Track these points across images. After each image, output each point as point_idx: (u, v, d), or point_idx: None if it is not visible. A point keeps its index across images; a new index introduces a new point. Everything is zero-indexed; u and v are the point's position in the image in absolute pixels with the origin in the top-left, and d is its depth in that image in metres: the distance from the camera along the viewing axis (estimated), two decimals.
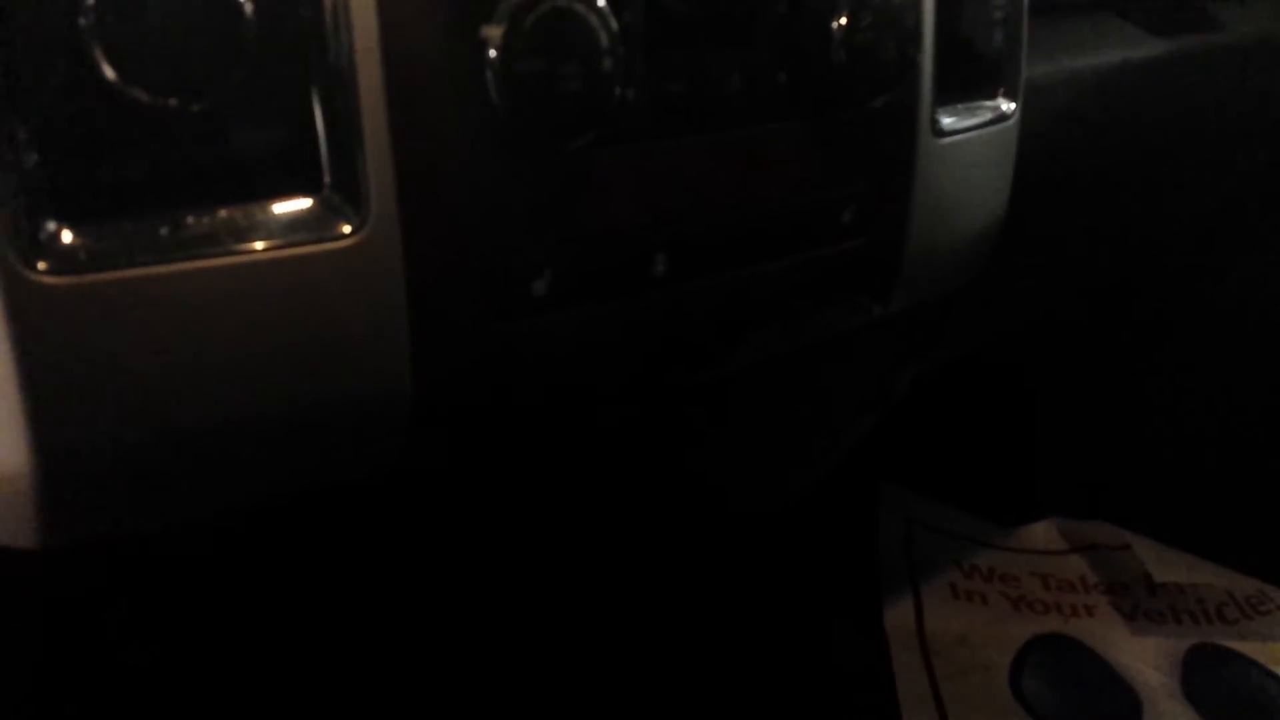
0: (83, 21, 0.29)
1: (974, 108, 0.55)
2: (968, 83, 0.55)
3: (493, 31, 0.35)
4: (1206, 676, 0.96)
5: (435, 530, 0.53)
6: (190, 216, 0.32)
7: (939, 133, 0.52)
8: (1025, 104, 0.58)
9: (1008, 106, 0.57)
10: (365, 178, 0.34)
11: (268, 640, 0.56)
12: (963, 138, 0.54)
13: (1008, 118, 0.57)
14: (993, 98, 0.57)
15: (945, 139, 0.53)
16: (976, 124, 0.55)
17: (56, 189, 0.30)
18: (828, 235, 0.49)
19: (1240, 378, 1.11)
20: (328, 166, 0.34)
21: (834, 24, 0.44)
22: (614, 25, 0.37)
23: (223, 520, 0.39)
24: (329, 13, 0.33)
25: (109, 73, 0.30)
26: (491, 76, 0.36)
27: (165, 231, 0.32)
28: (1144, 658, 0.97)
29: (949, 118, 0.53)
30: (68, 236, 0.30)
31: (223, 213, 0.33)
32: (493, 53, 0.35)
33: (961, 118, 0.54)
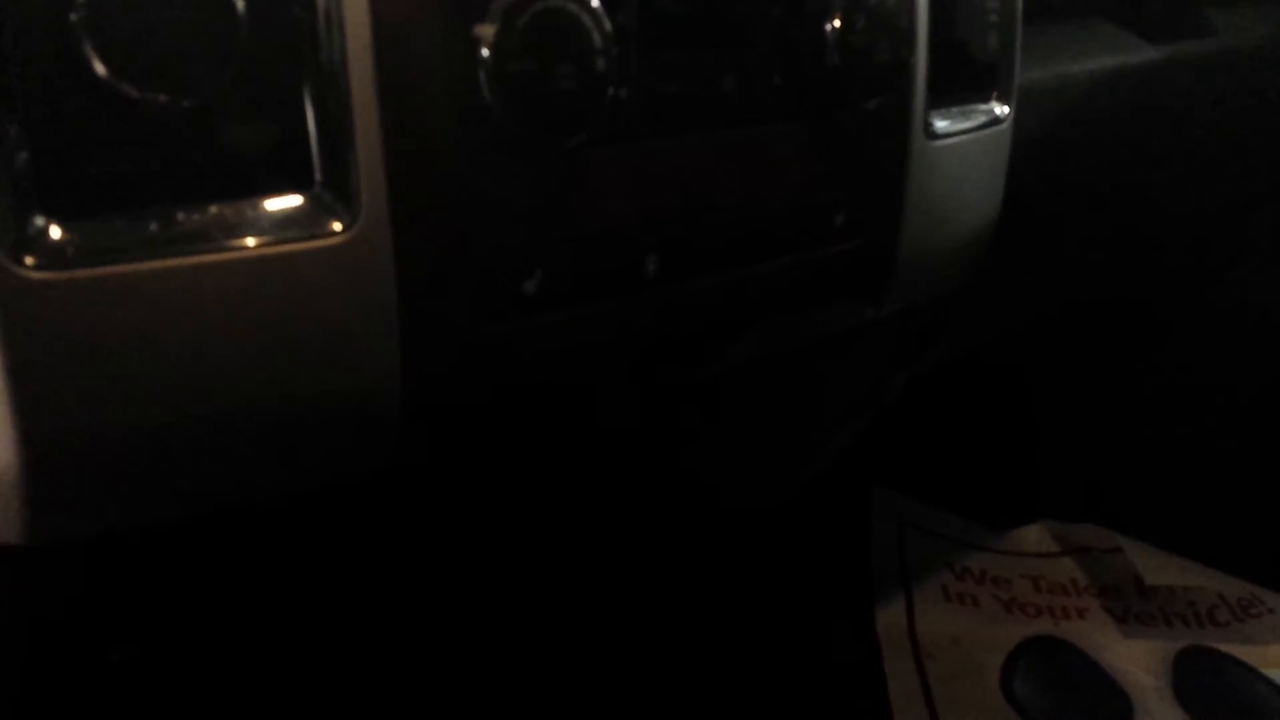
0: (74, 17, 0.29)
1: (967, 111, 0.56)
2: (961, 86, 0.55)
3: (486, 30, 0.35)
4: (1197, 679, 0.96)
5: (429, 530, 0.53)
6: (180, 212, 0.32)
7: (932, 135, 0.52)
8: (1019, 108, 0.58)
9: (1001, 110, 0.57)
10: (356, 175, 0.34)
11: (259, 640, 0.56)
12: (956, 141, 0.54)
13: (1001, 121, 0.57)
14: (986, 101, 0.57)
15: (938, 142, 0.53)
16: (970, 127, 0.55)
17: (46, 184, 0.30)
18: (820, 237, 0.49)
19: (1232, 381, 1.11)
20: (319, 164, 0.34)
21: (828, 26, 0.44)
22: (607, 25, 0.37)
23: (213, 518, 0.39)
24: (321, 10, 0.33)
25: (100, 68, 0.30)
26: (484, 75, 0.36)
27: (155, 227, 0.32)
28: (1135, 660, 0.97)
29: (942, 121, 0.53)
30: (56, 232, 0.30)
31: (213, 209, 0.33)
32: (485, 52, 0.35)
33: (955, 121, 0.54)
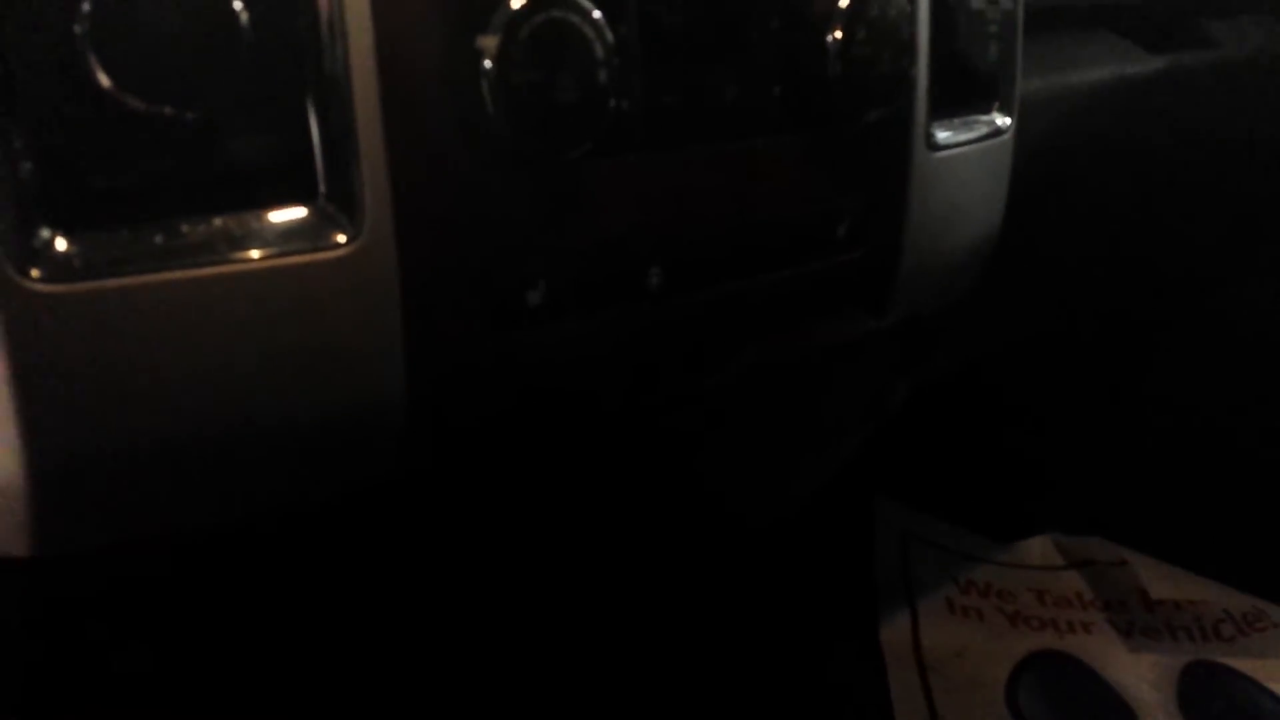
0: (78, 29, 0.29)
1: (969, 122, 0.56)
2: (963, 97, 0.55)
3: (488, 42, 0.35)
4: (1203, 693, 0.95)
5: (432, 540, 0.53)
6: (185, 225, 0.32)
7: (934, 146, 0.52)
8: (1020, 119, 0.58)
9: (1003, 121, 0.57)
10: (360, 187, 0.34)
11: (265, 645, 0.56)
12: (958, 152, 0.54)
13: (1003, 132, 0.57)
14: (988, 112, 0.57)
15: (940, 153, 0.53)
16: (971, 138, 0.55)
17: (51, 196, 0.30)
18: (823, 248, 0.49)
19: (1237, 394, 1.11)
20: (323, 176, 0.34)
21: (829, 37, 0.44)
22: (609, 37, 0.37)
23: (217, 529, 0.39)
24: (325, 22, 0.33)
25: (104, 80, 0.30)
26: (487, 87, 0.36)
27: (160, 240, 0.32)
28: (1140, 674, 0.97)
29: (944, 132, 0.53)
30: (62, 244, 0.30)
31: (218, 221, 0.33)
32: (488, 63, 0.35)
33: (956, 132, 0.54)
